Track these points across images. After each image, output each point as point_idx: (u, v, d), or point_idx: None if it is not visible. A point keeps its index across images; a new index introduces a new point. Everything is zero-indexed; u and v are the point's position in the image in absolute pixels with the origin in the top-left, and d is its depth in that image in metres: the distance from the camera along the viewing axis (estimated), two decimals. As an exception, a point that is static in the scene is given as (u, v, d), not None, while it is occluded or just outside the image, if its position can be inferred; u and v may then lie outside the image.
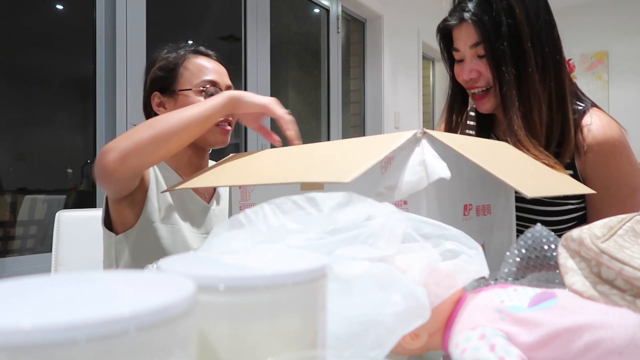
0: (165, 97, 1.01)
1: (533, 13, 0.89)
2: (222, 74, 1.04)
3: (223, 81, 1.03)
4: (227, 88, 1.03)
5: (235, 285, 0.26)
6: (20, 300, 0.20)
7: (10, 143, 1.69)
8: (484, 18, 0.89)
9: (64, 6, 1.83)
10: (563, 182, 0.73)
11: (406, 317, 0.34)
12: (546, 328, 0.34)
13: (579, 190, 0.73)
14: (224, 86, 1.03)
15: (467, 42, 0.92)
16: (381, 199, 0.54)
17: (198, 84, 1.00)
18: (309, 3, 3.02)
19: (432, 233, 0.42)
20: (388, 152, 0.53)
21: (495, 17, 0.88)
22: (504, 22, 0.88)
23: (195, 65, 1.02)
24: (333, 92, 3.12)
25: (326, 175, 0.53)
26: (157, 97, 1.02)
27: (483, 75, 0.93)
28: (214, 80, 1.01)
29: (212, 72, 1.02)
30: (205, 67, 1.02)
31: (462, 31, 0.93)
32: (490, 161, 0.58)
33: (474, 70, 0.93)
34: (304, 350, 0.28)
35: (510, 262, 0.49)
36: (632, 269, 0.36)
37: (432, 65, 4.63)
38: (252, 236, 0.39)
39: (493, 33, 0.89)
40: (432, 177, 0.53)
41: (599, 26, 4.57)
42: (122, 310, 0.18)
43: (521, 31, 0.88)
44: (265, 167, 0.68)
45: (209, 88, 1.00)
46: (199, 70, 1.01)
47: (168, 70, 1.01)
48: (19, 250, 1.69)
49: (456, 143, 0.56)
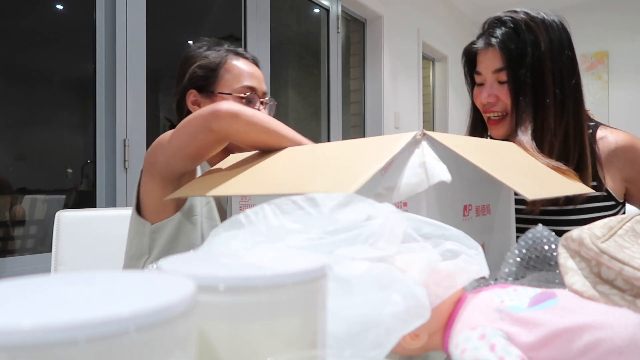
0: (202, 96, 1.01)
1: (557, 49, 0.93)
2: (260, 79, 1.05)
3: (261, 87, 1.04)
4: (262, 95, 1.04)
5: (235, 285, 0.26)
6: (20, 300, 0.20)
7: (10, 143, 1.69)
8: (510, 46, 0.93)
9: (64, 6, 1.83)
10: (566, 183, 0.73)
11: (406, 317, 0.34)
12: (546, 328, 0.34)
13: (582, 190, 0.74)
14: (260, 92, 1.03)
15: (490, 67, 0.96)
16: (380, 199, 0.54)
17: (238, 89, 1.00)
18: (309, 3, 3.02)
19: (432, 233, 0.42)
20: (389, 157, 0.53)
21: (521, 47, 0.92)
22: (529, 53, 0.91)
23: (237, 69, 1.02)
24: (333, 92, 3.12)
25: (328, 186, 0.53)
26: (193, 94, 1.01)
27: (501, 101, 0.96)
28: (253, 86, 1.02)
29: (252, 77, 1.02)
30: (245, 72, 1.02)
31: (488, 55, 0.96)
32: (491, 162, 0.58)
33: (492, 94, 0.96)
34: (304, 350, 0.28)
35: (511, 262, 0.49)
36: (632, 269, 0.36)
37: (432, 65, 4.62)
38: (252, 236, 0.39)
39: (517, 61, 0.92)
40: (432, 179, 0.53)
41: (599, 26, 4.57)
42: (122, 310, 0.18)
43: (544, 64, 0.91)
44: (265, 175, 0.67)
45: (249, 95, 1.00)
46: (239, 74, 1.01)
47: (209, 70, 1.01)
48: (19, 250, 1.69)
49: (456, 144, 0.56)
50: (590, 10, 4.59)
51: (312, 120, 3.14)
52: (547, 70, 0.91)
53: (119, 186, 1.80)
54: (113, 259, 1.21)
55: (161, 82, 2.21)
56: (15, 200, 1.70)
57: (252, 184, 0.66)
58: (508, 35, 0.94)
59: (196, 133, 0.79)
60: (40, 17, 1.75)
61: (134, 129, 1.84)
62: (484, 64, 0.97)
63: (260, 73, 1.06)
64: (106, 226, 1.24)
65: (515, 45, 0.93)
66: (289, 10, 2.97)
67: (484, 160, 0.56)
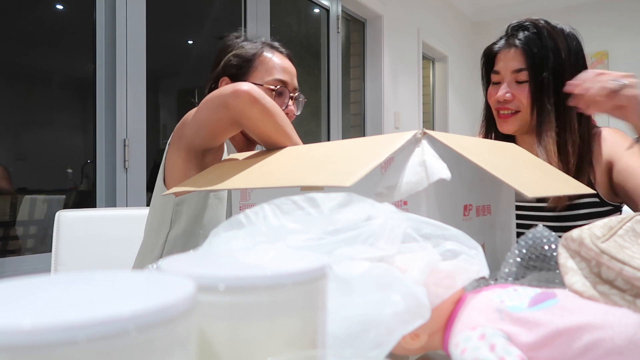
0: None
1: (573, 55, 1.00)
2: (293, 75, 1.06)
3: (292, 82, 1.05)
4: (293, 90, 1.06)
5: (235, 285, 0.26)
6: (20, 300, 0.20)
7: (10, 143, 1.69)
8: (533, 48, 1.00)
9: (64, 6, 1.83)
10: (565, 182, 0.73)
11: (406, 317, 0.34)
12: (546, 328, 0.34)
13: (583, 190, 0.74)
14: (291, 87, 1.05)
15: (510, 67, 1.02)
16: (380, 198, 0.54)
17: (270, 81, 1.01)
18: (309, 3, 3.02)
19: (432, 233, 0.42)
20: (388, 154, 0.53)
21: (542, 51, 0.99)
22: (550, 57, 0.98)
23: (271, 61, 1.03)
24: (333, 92, 3.12)
25: (326, 179, 0.53)
26: (225, 82, 1.03)
27: (516, 99, 1.02)
28: (285, 80, 1.03)
29: (284, 71, 1.04)
30: (279, 65, 1.04)
31: (509, 55, 1.02)
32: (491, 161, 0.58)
33: (509, 92, 1.02)
34: (304, 350, 0.28)
35: (511, 262, 0.49)
36: (632, 269, 0.36)
37: (432, 65, 4.62)
38: (252, 236, 0.39)
39: (539, 63, 0.99)
40: (432, 177, 0.53)
41: (599, 26, 4.57)
42: (122, 310, 0.18)
43: (564, 68, 0.98)
44: (265, 170, 0.68)
45: (280, 88, 1.02)
46: (273, 67, 1.03)
47: (244, 60, 1.03)
48: (19, 250, 1.69)
49: (456, 143, 0.56)
50: (590, 10, 4.59)
51: (312, 120, 3.14)
52: (566, 74, 0.96)
53: (119, 186, 1.80)
54: (113, 259, 1.21)
55: (161, 82, 2.21)
56: (15, 200, 1.70)
57: (253, 179, 0.66)
58: (531, 39, 1.00)
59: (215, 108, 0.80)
60: (40, 17, 1.75)
61: (134, 129, 1.84)
62: (504, 63, 1.03)
63: (293, 69, 1.07)
64: (106, 226, 1.24)
65: (537, 49, 0.99)
66: (289, 10, 2.97)
67: (484, 159, 0.56)
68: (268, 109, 0.78)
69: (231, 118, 0.80)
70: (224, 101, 0.78)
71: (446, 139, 0.57)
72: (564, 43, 0.99)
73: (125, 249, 1.19)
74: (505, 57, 1.03)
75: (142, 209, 1.29)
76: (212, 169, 0.82)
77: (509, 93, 1.02)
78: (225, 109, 0.79)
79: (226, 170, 0.76)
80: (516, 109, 1.02)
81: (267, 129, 0.79)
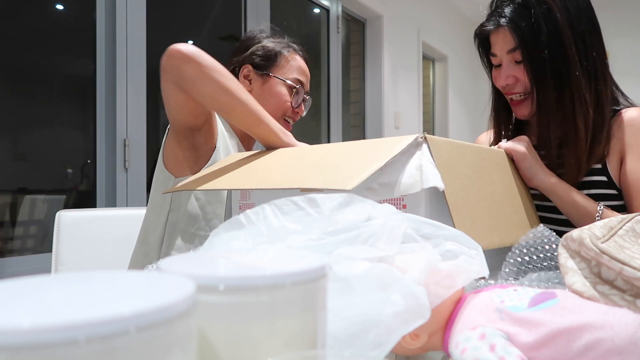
0: (256, 73, 1.08)
1: (575, 16, 0.87)
2: (309, 78, 1.14)
3: (307, 85, 1.13)
4: (308, 93, 1.13)
5: (235, 285, 0.26)
6: (20, 300, 0.20)
7: (10, 143, 1.69)
8: (521, 24, 0.88)
9: (64, 6, 1.83)
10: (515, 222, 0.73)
11: (406, 317, 0.34)
12: (546, 328, 0.34)
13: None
14: (306, 90, 1.12)
15: (504, 48, 0.91)
16: (372, 194, 0.55)
17: (291, 79, 1.08)
18: (309, 3, 3.02)
19: (432, 233, 0.42)
20: (389, 157, 0.54)
21: (533, 23, 0.87)
22: (543, 28, 0.86)
23: (295, 62, 1.10)
24: (333, 92, 3.12)
25: (327, 182, 0.53)
26: (247, 69, 1.08)
27: (520, 81, 0.92)
28: (303, 82, 1.10)
29: (304, 74, 1.12)
30: (301, 68, 1.11)
31: (499, 36, 0.92)
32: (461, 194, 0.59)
33: (510, 76, 0.92)
34: (304, 350, 0.28)
35: (511, 262, 0.49)
36: (632, 269, 0.36)
37: (432, 65, 4.62)
38: (252, 237, 0.39)
39: (531, 39, 0.87)
40: (425, 184, 0.53)
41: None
42: (122, 310, 0.18)
43: (563, 36, 0.86)
44: (266, 170, 0.68)
45: (299, 87, 1.08)
46: (296, 67, 1.10)
47: (270, 53, 1.08)
48: (19, 250, 1.69)
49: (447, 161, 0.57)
50: (590, 10, 4.58)
51: (312, 120, 3.14)
52: (567, 42, 0.86)
53: (119, 186, 1.80)
54: (113, 259, 1.21)
55: (161, 82, 2.20)
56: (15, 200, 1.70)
57: (253, 179, 0.66)
58: (517, 12, 0.88)
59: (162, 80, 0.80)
60: (40, 17, 1.75)
61: (134, 129, 1.84)
62: (497, 45, 0.93)
63: (309, 73, 1.15)
64: (106, 226, 1.24)
65: (526, 22, 0.87)
66: (289, 10, 2.97)
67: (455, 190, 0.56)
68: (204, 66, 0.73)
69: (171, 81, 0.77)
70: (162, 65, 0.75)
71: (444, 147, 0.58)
72: (559, 2, 0.86)
73: (125, 249, 1.18)
74: (496, 39, 0.93)
75: (142, 209, 1.28)
76: (213, 167, 0.82)
77: (509, 77, 0.92)
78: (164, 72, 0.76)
79: (227, 169, 0.76)
80: (524, 91, 0.92)
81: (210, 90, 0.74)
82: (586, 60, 0.87)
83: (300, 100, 1.10)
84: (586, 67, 0.88)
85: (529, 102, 0.93)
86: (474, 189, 0.64)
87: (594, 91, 0.88)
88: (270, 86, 1.06)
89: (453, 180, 0.59)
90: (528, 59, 0.88)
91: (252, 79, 1.08)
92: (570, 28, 0.86)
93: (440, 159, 0.57)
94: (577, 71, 0.86)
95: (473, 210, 0.61)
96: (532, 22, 0.87)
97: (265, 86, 1.06)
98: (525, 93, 0.93)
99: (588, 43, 0.88)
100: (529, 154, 0.84)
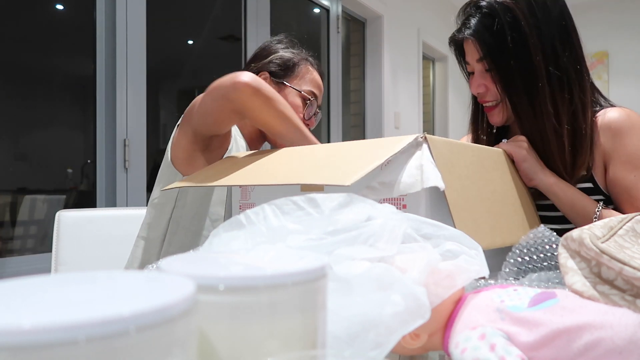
0: (272, 81, 1.10)
1: (544, 22, 0.86)
2: (322, 92, 1.17)
3: (320, 99, 1.16)
4: (319, 106, 1.17)
5: (235, 285, 0.26)
6: (20, 300, 0.20)
7: (10, 143, 1.69)
8: (485, 34, 0.88)
9: (64, 6, 1.83)
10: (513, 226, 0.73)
11: (406, 317, 0.34)
12: (546, 328, 0.34)
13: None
14: (319, 103, 1.16)
15: (474, 57, 0.92)
16: (372, 193, 0.55)
17: (306, 90, 1.11)
18: (309, 3, 3.01)
19: (432, 233, 0.42)
20: (389, 155, 0.54)
21: (498, 32, 0.86)
22: (508, 37, 0.85)
23: (311, 75, 1.14)
24: (333, 92, 3.12)
25: (326, 178, 0.54)
26: (264, 75, 1.10)
27: (490, 90, 0.93)
28: (317, 95, 1.13)
29: (319, 87, 1.15)
30: (317, 82, 1.15)
31: (468, 46, 0.93)
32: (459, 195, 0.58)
33: (481, 84, 0.93)
34: (304, 350, 0.28)
35: (511, 262, 0.49)
36: (632, 269, 0.36)
37: (432, 65, 4.62)
38: (252, 237, 0.39)
39: (496, 48, 0.87)
40: (426, 183, 0.54)
41: (599, 26, 4.57)
42: (122, 310, 0.18)
43: (529, 44, 0.85)
44: (266, 168, 0.68)
45: (312, 100, 1.11)
46: (312, 80, 1.13)
47: (288, 63, 1.11)
48: (19, 250, 1.69)
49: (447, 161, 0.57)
50: (590, 10, 4.59)
51: (312, 120, 3.14)
52: (534, 50, 0.85)
53: (119, 186, 1.80)
54: (113, 259, 1.21)
55: (161, 82, 2.21)
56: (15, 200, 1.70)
57: (254, 176, 0.66)
58: (482, 23, 0.88)
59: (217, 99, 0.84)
60: (40, 17, 1.75)
61: (134, 129, 1.84)
62: (468, 54, 0.94)
63: (322, 88, 1.18)
64: (106, 226, 1.25)
65: (490, 33, 0.87)
66: (289, 10, 2.97)
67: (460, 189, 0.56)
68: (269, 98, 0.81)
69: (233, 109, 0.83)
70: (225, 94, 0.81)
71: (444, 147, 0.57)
72: (526, 9, 0.85)
73: (125, 249, 1.18)
74: (467, 48, 0.93)
75: (142, 209, 1.28)
76: (214, 165, 0.82)
77: (481, 85, 0.93)
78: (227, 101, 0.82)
79: (227, 167, 0.76)
80: (494, 99, 0.93)
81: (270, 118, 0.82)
82: (557, 69, 0.86)
83: (312, 113, 1.13)
84: (556, 75, 0.86)
85: (500, 110, 0.94)
86: (474, 189, 0.64)
87: (567, 101, 0.87)
88: (285, 95, 1.09)
89: (453, 180, 0.59)
90: (495, 69, 0.89)
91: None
92: (538, 36, 0.85)
93: (441, 159, 0.57)
94: (541, 82, 0.86)
95: (473, 210, 0.61)
96: (496, 31, 0.86)
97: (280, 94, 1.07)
98: (496, 101, 0.93)
99: (559, 50, 0.87)
100: (528, 155, 0.84)
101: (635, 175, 0.87)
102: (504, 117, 0.94)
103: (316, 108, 1.14)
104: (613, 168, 0.89)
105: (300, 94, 1.10)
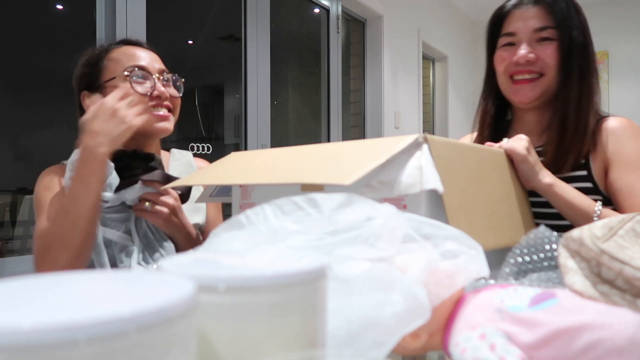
0: (93, 94, 0.96)
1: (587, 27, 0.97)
2: (153, 59, 0.98)
3: (153, 66, 0.97)
4: (160, 72, 0.97)
5: (235, 285, 0.26)
6: (20, 300, 0.20)
7: (10, 143, 1.69)
8: (560, 4, 0.93)
9: (64, 6, 1.83)
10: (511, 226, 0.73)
11: (406, 317, 0.34)
12: (546, 328, 0.34)
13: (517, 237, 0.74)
14: (155, 70, 0.97)
15: (532, 25, 0.93)
16: (370, 191, 0.55)
17: (123, 69, 0.94)
18: (309, 3, 3.01)
19: (432, 233, 0.42)
20: (389, 155, 0.54)
21: (568, 6, 0.93)
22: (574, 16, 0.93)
23: (120, 54, 0.96)
24: (333, 92, 3.12)
25: (326, 177, 0.53)
26: (86, 95, 0.98)
27: (540, 60, 0.93)
28: (142, 65, 0.95)
29: (139, 57, 0.96)
30: (130, 54, 0.96)
31: (528, 13, 0.94)
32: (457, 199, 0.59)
33: (532, 52, 0.93)
34: (304, 350, 0.28)
35: (511, 262, 0.49)
36: (632, 269, 0.36)
37: (432, 65, 4.62)
38: (252, 237, 0.39)
39: (566, 20, 0.93)
40: (425, 185, 0.53)
41: (599, 26, 4.55)
42: (122, 310, 0.18)
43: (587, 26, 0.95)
44: (266, 167, 0.68)
45: (136, 72, 0.94)
46: (124, 57, 0.96)
47: (92, 65, 0.97)
48: (19, 250, 1.69)
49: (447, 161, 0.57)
50: (590, 10, 4.58)
51: (312, 120, 3.14)
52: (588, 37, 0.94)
53: (119, 186, 1.80)
54: (113, 259, 1.20)
55: (161, 82, 2.20)
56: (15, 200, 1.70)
57: (254, 176, 0.66)
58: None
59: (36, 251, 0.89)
60: (40, 17, 1.75)
61: (134, 129, 1.84)
62: (522, 22, 0.94)
63: (150, 53, 1.00)
64: (106, 226, 1.24)
65: (565, 3, 0.93)
66: (289, 10, 2.97)
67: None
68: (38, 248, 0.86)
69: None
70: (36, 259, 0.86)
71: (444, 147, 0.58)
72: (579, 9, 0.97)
73: (125, 249, 1.18)
74: (523, 16, 0.93)
75: (142, 209, 1.28)
76: (214, 165, 0.82)
77: (532, 53, 0.92)
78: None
79: (227, 166, 0.76)
80: (540, 71, 0.92)
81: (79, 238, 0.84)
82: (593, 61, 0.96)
83: (152, 83, 0.94)
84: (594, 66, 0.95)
85: (539, 84, 0.94)
86: (472, 190, 0.64)
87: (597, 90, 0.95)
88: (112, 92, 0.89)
89: (452, 181, 0.59)
90: (560, 40, 0.92)
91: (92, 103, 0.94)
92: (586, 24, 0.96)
93: (440, 159, 0.57)
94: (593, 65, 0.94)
95: (470, 212, 0.61)
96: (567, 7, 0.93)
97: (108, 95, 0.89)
98: (538, 74, 0.94)
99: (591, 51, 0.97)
100: (528, 156, 0.84)
101: (634, 176, 0.89)
102: (539, 93, 0.95)
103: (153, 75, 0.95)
104: (613, 170, 0.91)
105: (124, 77, 0.93)
